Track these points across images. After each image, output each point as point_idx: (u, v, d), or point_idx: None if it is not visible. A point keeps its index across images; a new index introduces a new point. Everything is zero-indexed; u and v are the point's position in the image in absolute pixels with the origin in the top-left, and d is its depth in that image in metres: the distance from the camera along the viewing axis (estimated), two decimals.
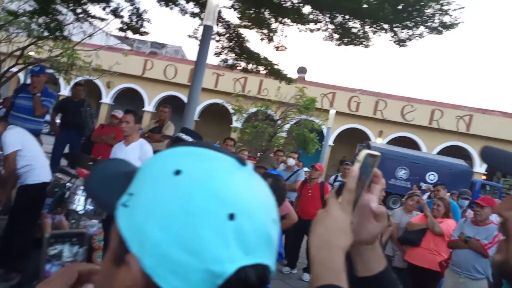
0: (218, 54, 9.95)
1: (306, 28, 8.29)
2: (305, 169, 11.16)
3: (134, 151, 4.39)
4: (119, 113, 7.60)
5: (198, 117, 27.65)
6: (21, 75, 16.81)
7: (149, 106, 28.06)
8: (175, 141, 3.21)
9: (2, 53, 13.20)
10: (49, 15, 9.48)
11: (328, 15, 7.62)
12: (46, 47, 13.25)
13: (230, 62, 10.10)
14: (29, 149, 3.89)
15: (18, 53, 13.06)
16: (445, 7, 6.45)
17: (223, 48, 9.81)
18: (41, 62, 13.91)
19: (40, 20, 10.66)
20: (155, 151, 5.87)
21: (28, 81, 16.89)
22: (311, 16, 7.89)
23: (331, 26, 7.97)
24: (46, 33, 10.91)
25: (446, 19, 6.68)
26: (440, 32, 6.94)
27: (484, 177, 25.57)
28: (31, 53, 13.67)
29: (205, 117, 27.73)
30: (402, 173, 21.20)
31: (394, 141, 26.46)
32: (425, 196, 12.15)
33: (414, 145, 26.49)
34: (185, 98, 26.55)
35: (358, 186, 0.79)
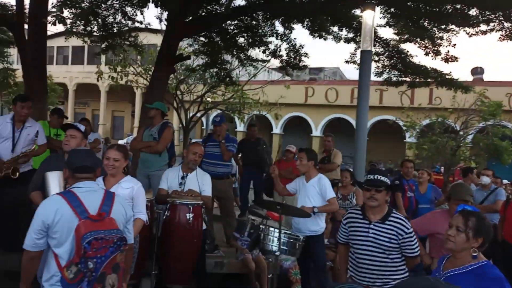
0: (379, 74, 9.73)
1: (476, 31, 7.60)
2: (505, 181, 9.96)
3: (314, 187, 4.58)
4: (293, 148, 7.98)
5: (367, 136, 27.05)
6: (203, 119, 18.87)
7: (317, 131, 28.69)
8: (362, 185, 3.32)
9: (186, 102, 15.14)
10: (218, 65, 10.58)
11: (501, 14, 6.86)
12: (220, 92, 14.73)
13: (394, 79, 9.78)
14: None
15: (198, 100, 14.80)
16: None
17: (384, 67, 9.56)
18: (217, 105, 15.54)
19: (212, 71, 11.91)
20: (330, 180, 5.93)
21: (206, 124, 18.67)
22: (480, 17, 7.20)
23: (507, 25, 7.15)
24: (218, 81, 12.14)
25: None
26: None
27: None
28: (208, 99, 15.27)
29: (375, 135, 27.10)
30: None
31: None
32: None
33: None
34: (350, 119, 26.62)
35: None
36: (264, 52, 9.66)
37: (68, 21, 7.29)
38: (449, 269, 2.49)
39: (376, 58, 9.52)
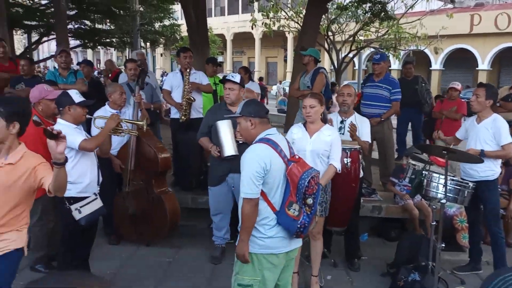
0: None
1: None
2: None
3: (487, 130, 4.12)
4: (458, 85, 7.28)
5: None
6: (355, 60, 18.27)
7: (483, 65, 25.58)
8: None
9: (337, 42, 14.76)
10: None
11: None
12: (373, 29, 13.96)
13: None
14: None
15: (350, 40, 14.30)
16: None
17: None
18: (370, 43, 14.82)
19: (365, 6, 11.27)
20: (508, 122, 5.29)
21: (359, 65, 18.02)
22: None
23: None
24: (372, 17, 11.47)
25: None
26: None
27: None
28: (361, 38, 14.63)
29: None
30: None
31: None
32: None
33: None
34: None
35: None
36: None
37: None
38: None
39: None
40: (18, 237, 2.64)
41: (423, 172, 3.92)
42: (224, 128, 4.05)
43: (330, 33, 14.15)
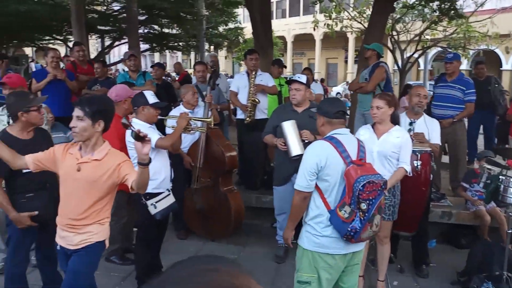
0: None
1: None
2: None
3: None
4: None
5: None
6: (420, 60, 17.69)
7: None
8: None
9: (402, 42, 14.34)
10: None
11: None
12: (440, 28, 13.45)
13: None
14: None
15: (415, 39, 13.85)
16: None
17: None
18: (437, 43, 14.28)
19: (432, 5, 10.89)
20: None
21: (424, 65, 17.29)
22: None
23: None
24: (440, 15, 11.06)
25: None
26: None
27: None
28: (427, 37, 14.14)
29: None
30: None
31: None
32: None
33: None
34: None
35: None
36: None
37: None
38: None
39: None
40: (100, 230, 2.81)
41: (500, 177, 3.74)
42: (289, 128, 4.08)
43: (394, 33, 13.80)
